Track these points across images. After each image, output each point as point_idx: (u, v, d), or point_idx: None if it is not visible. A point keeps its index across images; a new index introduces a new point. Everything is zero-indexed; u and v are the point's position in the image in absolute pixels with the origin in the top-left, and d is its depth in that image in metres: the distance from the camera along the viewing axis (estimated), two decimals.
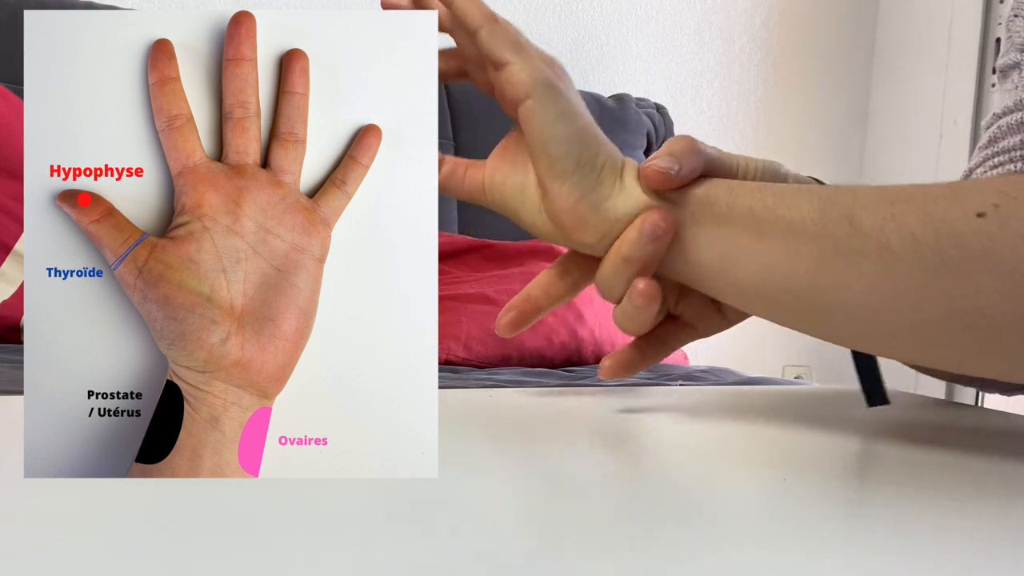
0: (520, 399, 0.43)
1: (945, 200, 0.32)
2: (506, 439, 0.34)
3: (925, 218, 0.32)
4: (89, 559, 0.18)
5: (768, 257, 0.35)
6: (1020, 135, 0.44)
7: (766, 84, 1.98)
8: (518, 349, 1.23)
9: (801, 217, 0.34)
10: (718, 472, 0.32)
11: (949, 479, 0.32)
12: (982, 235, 0.30)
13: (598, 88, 1.67)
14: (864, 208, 0.33)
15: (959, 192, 0.32)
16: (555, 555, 0.20)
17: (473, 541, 0.20)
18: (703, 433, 0.38)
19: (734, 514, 0.25)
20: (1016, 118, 0.46)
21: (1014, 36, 0.56)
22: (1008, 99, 0.54)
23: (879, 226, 0.32)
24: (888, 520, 0.25)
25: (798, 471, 0.31)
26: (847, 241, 0.33)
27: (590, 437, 0.36)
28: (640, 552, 0.20)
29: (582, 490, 0.26)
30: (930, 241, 0.31)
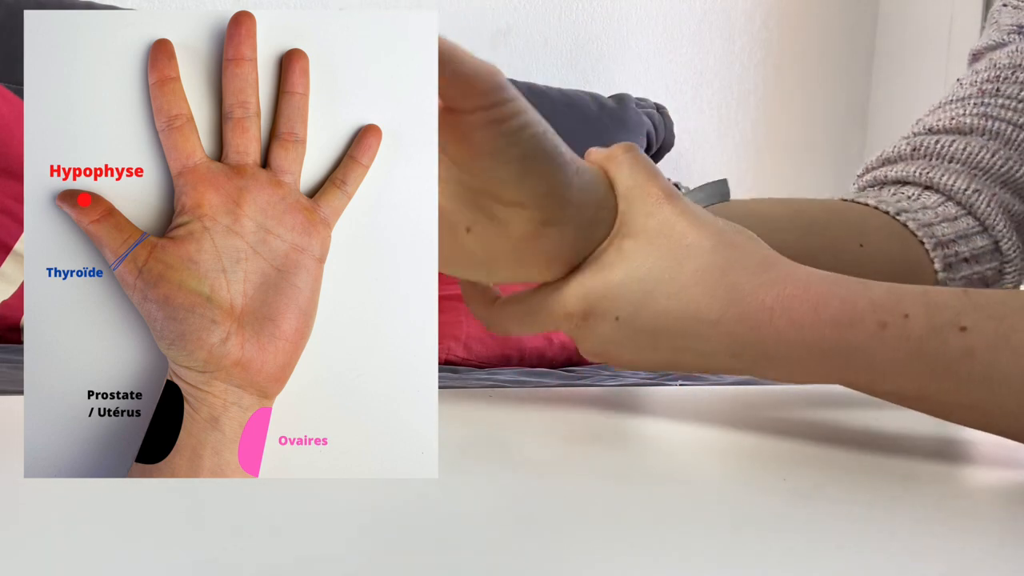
0: (520, 399, 0.43)
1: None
2: (506, 439, 0.34)
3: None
4: (89, 559, 0.18)
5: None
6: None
7: (766, 84, 1.97)
8: (518, 349, 1.23)
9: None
10: (718, 472, 0.32)
11: (949, 479, 0.32)
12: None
13: (598, 88, 1.67)
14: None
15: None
16: (555, 555, 0.20)
17: (473, 541, 0.20)
18: (703, 433, 0.38)
19: (734, 514, 0.25)
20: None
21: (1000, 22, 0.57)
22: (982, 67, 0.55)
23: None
24: (888, 520, 0.25)
25: (798, 471, 0.31)
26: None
27: (590, 437, 0.36)
28: (640, 551, 0.20)
29: (582, 490, 0.26)
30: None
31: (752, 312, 0.33)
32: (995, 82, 0.53)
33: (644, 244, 0.35)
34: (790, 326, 0.33)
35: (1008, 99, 0.52)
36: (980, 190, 0.51)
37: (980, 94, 0.53)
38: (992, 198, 0.51)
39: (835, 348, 0.32)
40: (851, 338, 0.32)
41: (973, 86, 0.54)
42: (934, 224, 0.50)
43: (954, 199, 0.51)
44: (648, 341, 0.35)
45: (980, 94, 0.53)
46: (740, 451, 0.35)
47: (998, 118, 0.52)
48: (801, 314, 0.33)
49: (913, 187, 0.52)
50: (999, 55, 0.55)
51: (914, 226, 0.50)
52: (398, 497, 0.24)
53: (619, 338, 0.35)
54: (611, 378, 1.10)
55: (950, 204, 0.51)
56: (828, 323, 0.32)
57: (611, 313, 0.35)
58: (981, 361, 0.31)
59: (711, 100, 1.92)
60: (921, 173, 0.52)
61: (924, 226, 0.50)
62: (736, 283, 0.34)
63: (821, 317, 0.33)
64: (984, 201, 0.50)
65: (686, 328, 0.34)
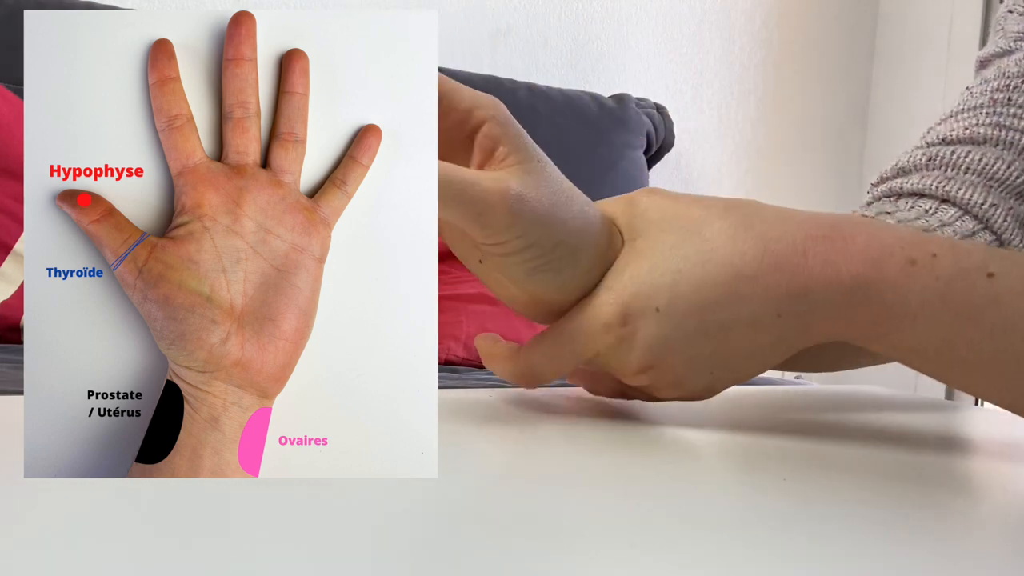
0: (520, 399, 0.43)
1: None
2: (506, 439, 0.34)
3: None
4: (89, 559, 0.18)
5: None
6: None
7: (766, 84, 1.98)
8: None
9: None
10: (718, 472, 0.32)
11: (950, 480, 0.32)
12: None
13: (598, 88, 1.67)
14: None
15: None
16: (555, 555, 0.20)
17: (473, 541, 0.20)
18: (703, 433, 0.38)
19: (734, 514, 0.25)
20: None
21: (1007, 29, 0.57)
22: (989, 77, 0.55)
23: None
24: (888, 520, 0.25)
25: (798, 471, 0.31)
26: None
27: (590, 437, 0.36)
28: (640, 551, 0.20)
29: (582, 490, 0.26)
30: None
31: (786, 257, 0.33)
32: (1006, 91, 0.53)
33: (656, 234, 0.35)
34: (825, 265, 0.33)
35: (1020, 108, 0.53)
36: (997, 204, 0.51)
37: (992, 103, 0.53)
38: (1008, 212, 0.51)
39: (868, 286, 0.32)
40: (883, 274, 0.32)
41: (984, 95, 0.54)
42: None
43: (971, 213, 0.51)
44: (694, 325, 0.34)
45: (992, 103, 0.53)
46: (740, 451, 0.35)
47: (1011, 128, 0.52)
48: (832, 252, 0.33)
49: (930, 200, 0.52)
50: (1007, 63, 0.55)
51: None
52: (398, 497, 0.24)
53: (666, 332, 0.35)
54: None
55: (967, 218, 0.51)
56: (859, 259, 0.32)
57: (650, 306, 0.35)
58: (1006, 308, 0.31)
59: (711, 100, 1.92)
60: (937, 186, 0.52)
61: None
62: (762, 233, 0.34)
63: (852, 253, 0.32)
64: (1001, 216, 0.50)
65: (727, 292, 0.34)
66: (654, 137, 1.62)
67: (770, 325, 0.34)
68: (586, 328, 0.36)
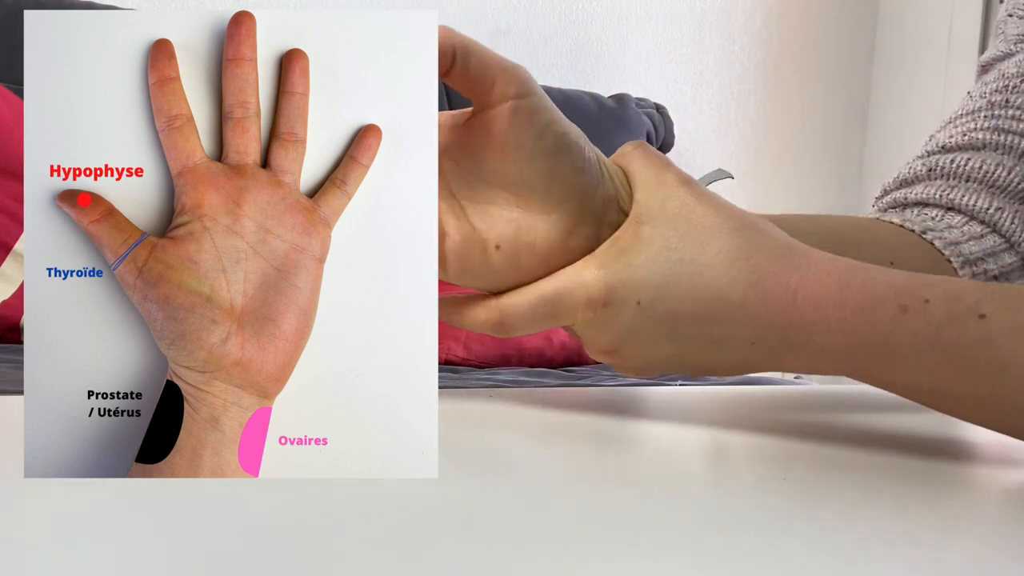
0: (520, 399, 0.43)
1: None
2: (506, 439, 0.34)
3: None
4: (89, 559, 0.18)
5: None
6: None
7: (766, 84, 1.98)
8: (518, 349, 1.23)
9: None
10: (718, 472, 0.32)
11: (950, 479, 0.32)
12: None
13: (598, 88, 1.67)
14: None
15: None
16: (555, 555, 0.20)
17: (473, 541, 0.20)
18: (703, 433, 0.38)
19: (734, 513, 0.25)
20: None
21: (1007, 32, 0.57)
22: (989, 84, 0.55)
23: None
24: (888, 520, 0.25)
25: (798, 471, 0.31)
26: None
27: (590, 437, 0.36)
28: (641, 551, 0.20)
29: (582, 490, 0.26)
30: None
31: (776, 294, 0.33)
32: (1004, 92, 0.53)
33: (664, 228, 0.35)
34: (813, 308, 0.33)
35: (1017, 109, 0.52)
36: (1003, 207, 0.50)
37: (989, 106, 0.53)
38: (1015, 214, 0.51)
39: (856, 332, 0.32)
40: (872, 322, 0.32)
41: (982, 98, 0.54)
42: (961, 243, 0.50)
43: (977, 218, 0.51)
44: (665, 330, 0.35)
45: (989, 106, 0.53)
46: (740, 451, 0.35)
47: (1010, 131, 0.52)
48: (824, 296, 0.33)
49: (935, 208, 0.52)
50: (1007, 65, 0.55)
51: (941, 244, 0.50)
52: (398, 497, 0.24)
53: (637, 326, 0.35)
54: (611, 378, 1.11)
55: (974, 223, 0.51)
56: (850, 306, 0.33)
57: (633, 298, 0.35)
58: (999, 349, 0.31)
59: (711, 100, 1.92)
60: (941, 195, 0.52)
61: (951, 244, 0.50)
62: (760, 265, 0.34)
63: (843, 299, 0.33)
64: (1008, 218, 0.50)
65: (708, 311, 0.34)
66: (654, 137, 1.62)
67: (739, 349, 0.35)
68: (569, 296, 0.36)
